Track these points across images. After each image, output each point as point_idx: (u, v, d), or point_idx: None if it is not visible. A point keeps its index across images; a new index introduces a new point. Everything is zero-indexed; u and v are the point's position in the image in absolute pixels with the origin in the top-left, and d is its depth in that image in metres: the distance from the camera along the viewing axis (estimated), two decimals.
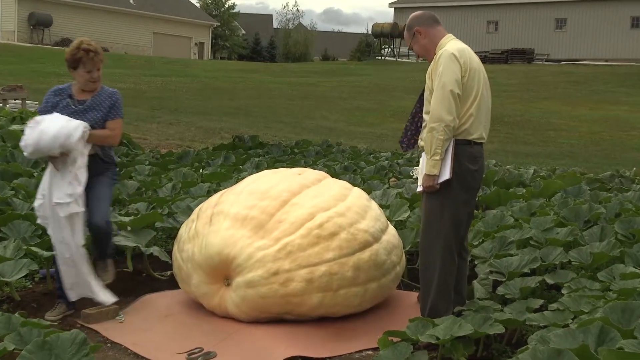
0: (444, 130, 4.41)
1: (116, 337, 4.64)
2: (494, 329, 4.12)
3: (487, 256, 5.71)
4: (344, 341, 4.68)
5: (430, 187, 4.50)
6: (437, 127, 4.41)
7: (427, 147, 4.47)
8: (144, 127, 17.34)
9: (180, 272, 5.14)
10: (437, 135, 4.41)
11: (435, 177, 4.48)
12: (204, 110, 22.06)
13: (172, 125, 18.50)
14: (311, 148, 13.34)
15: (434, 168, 4.46)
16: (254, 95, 27.60)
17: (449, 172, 4.46)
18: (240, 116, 21.79)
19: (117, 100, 5.04)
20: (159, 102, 22.85)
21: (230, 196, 5.14)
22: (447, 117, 4.41)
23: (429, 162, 4.46)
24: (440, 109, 4.40)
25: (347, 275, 4.78)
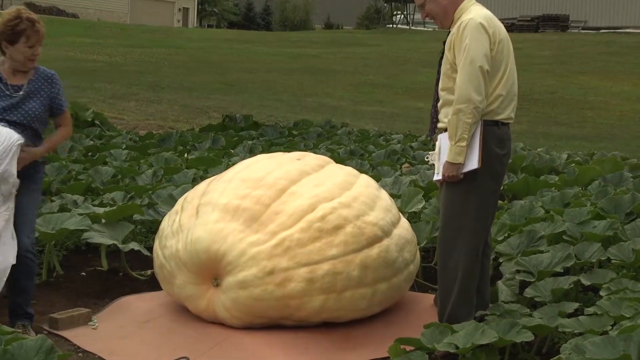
0: (473, 113, 4.39)
1: (88, 345, 4.64)
2: (522, 336, 4.12)
3: (513, 253, 5.71)
4: (350, 350, 4.69)
5: (453, 177, 4.49)
6: (464, 108, 4.39)
7: (451, 132, 4.44)
8: (120, 106, 17.34)
9: (162, 272, 5.15)
10: (465, 119, 4.39)
11: (460, 166, 4.46)
12: (189, 86, 22.03)
13: (152, 103, 18.48)
14: (312, 129, 13.33)
15: (459, 155, 4.44)
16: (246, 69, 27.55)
17: (477, 160, 4.44)
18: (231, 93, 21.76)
19: (60, 85, 4.78)
20: (138, 77, 22.82)
21: (220, 184, 5.14)
22: (476, 98, 4.39)
23: (453, 148, 4.44)
24: (468, 88, 4.39)
25: (353, 274, 4.79)
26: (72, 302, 5.38)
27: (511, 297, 5.12)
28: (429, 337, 4.18)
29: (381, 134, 13.97)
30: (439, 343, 4.09)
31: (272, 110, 18.77)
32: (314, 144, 11.53)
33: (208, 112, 17.79)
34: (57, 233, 5.75)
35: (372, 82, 26.56)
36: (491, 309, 4.78)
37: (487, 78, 4.43)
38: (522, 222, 6.42)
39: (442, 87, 4.60)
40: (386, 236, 5.03)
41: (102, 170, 8.39)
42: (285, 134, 13.00)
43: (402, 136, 13.50)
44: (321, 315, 4.84)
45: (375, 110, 20.90)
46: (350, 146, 11.24)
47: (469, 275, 4.59)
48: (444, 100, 4.59)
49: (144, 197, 7.09)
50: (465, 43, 4.41)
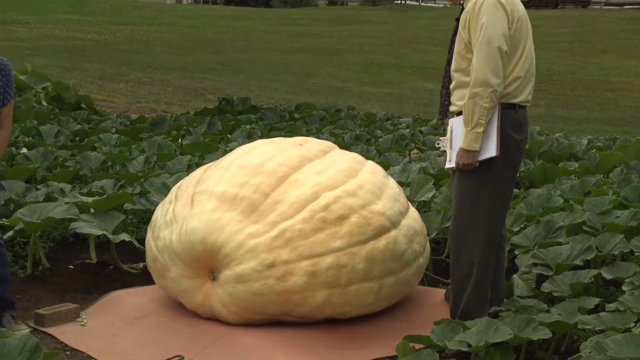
0: (490, 97, 4.37)
1: (77, 343, 4.65)
2: (539, 333, 4.12)
3: (530, 245, 5.71)
4: (355, 348, 4.70)
5: (468, 166, 4.48)
6: (481, 92, 4.37)
7: (467, 117, 4.43)
8: (109, 88, 17.33)
9: (155, 264, 5.15)
10: (482, 103, 4.37)
11: (476, 154, 4.45)
12: (184, 67, 22.01)
13: (144, 84, 18.47)
14: (315, 113, 13.32)
15: (475, 142, 4.43)
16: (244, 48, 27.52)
17: (495, 147, 4.43)
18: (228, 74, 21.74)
19: (11, 77, 4.60)
20: (128, 57, 22.80)
21: (216, 172, 5.14)
22: (494, 80, 4.38)
23: (468, 134, 4.43)
24: (485, 71, 4.37)
25: (359, 267, 4.80)
26: (59, 297, 5.39)
27: (527, 291, 5.12)
28: (439, 334, 4.18)
29: (389, 118, 13.95)
30: (450, 341, 4.10)
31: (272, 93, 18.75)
32: (317, 129, 11.52)
33: (204, 94, 17.78)
34: (42, 223, 5.76)
35: (379, 62, 26.52)
36: (506, 305, 4.78)
37: (505, 59, 4.41)
38: (539, 212, 6.42)
39: (456, 68, 4.59)
40: (394, 227, 5.03)
41: (91, 157, 8.39)
42: (286, 117, 12.98)
43: (411, 120, 13.48)
44: (325, 311, 4.84)
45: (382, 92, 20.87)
46: (356, 131, 11.22)
47: (484, 268, 4.59)
48: (457, 82, 4.58)
49: (136, 185, 7.09)
50: (481, 21, 4.40)
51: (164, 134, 10.58)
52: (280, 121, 12.62)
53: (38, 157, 8.36)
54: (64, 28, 28.14)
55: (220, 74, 21.52)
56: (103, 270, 5.99)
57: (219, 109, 13.52)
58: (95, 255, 6.07)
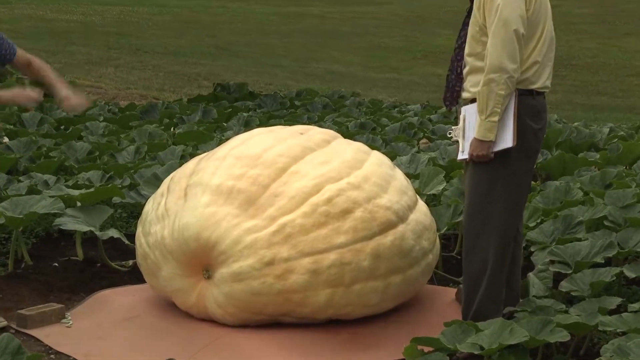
0: (506, 83, 4.37)
1: (62, 346, 4.66)
2: (556, 335, 4.13)
3: (547, 241, 5.71)
4: (359, 351, 4.70)
5: (483, 157, 4.47)
6: (497, 78, 4.37)
7: (481, 105, 4.42)
8: (96, 72, 17.32)
9: (145, 262, 5.16)
10: (497, 90, 4.37)
11: (491, 144, 4.45)
12: (176, 50, 21.99)
13: (134, 69, 18.46)
14: (317, 100, 13.31)
15: (490, 132, 4.42)
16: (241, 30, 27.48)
17: (512, 138, 4.42)
18: (224, 58, 21.72)
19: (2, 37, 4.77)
20: (117, 40, 22.78)
21: (211, 163, 5.14)
22: (511, 66, 4.37)
23: (483, 124, 4.42)
24: (501, 55, 4.36)
25: (364, 265, 4.80)
26: (43, 297, 5.39)
27: (544, 291, 5.12)
28: (450, 336, 4.18)
29: (396, 105, 13.94)
30: (461, 343, 4.10)
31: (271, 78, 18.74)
32: (319, 117, 11.51)
33: (197, 79, 17.77)
34: (25, 218, 5.76)
35: (385, 45, 26.48)
36: (521, 305, 4.78)
37: (522, 42, 4.41)
38: (557, 206, 6.41)
39: (469, 52, 4.58)
40: (401, 222, 5.03)
41: (77, 146, 8.39)
42: (286, 104, 12.98)
43: (420, 107, 13.47)
44: (327, 312, 4.85)
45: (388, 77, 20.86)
46: (361, 119, 11.22)
47: (498, 267, 4.59)
48: (471, 67, 4.57)
49: (125, 177, 7.09)
50: (497, 2, 4.39)
51: (155, 123, 10.57)
52: (279, 108, 12.61)
53: (20, 146, 8.36)
54: (48, 9, 28.10)
55: (215, 58, 21.50)
56: (90, 268, 5.99)
57: (214, 95, 13.51)
58: (82, 252, 6.07)
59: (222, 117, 11.30)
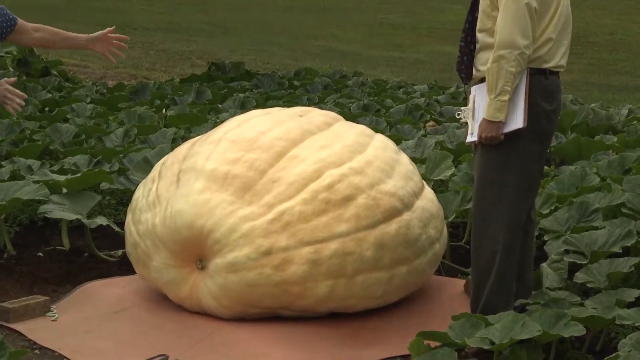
0: (517, 60, 4.36)
1: (47, 340, 4.66)
2: (571, 330, 4.13)
3: (561, 229, 5.71)
4: (363, 346, 4.71)
5: (492, 139, 4.47)
6: (507, 55, 4.36)
7: (490, 83, 4.42)
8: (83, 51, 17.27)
9: (136, 252, 5.16)
10: (507, 67, 4.36)
11: (500, 125, 4.45)
12: (168, 27, 21.96)
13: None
14: (317, 80, 13.28)
15: (500, 112, 4.42)
16: (236, 6, 27.43)
17: (522, 118, 4.42)
18: (218, 35, 21.69)
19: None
20: (105, 16, 22.74)
21: (205, 146, 5.13)
22: (522, 42, 4.36)
23: (492, 103, 4.42)
24: (512, 31, 4.36)
25: (367, 255, 4.80)
26: (27, 289, 5.40)
27: (558, 282, 5.12)
28: (458, 330, 4.19)
29: (401, 85, 13.92)
30: (470, 338, 4.11)
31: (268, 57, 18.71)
32: (320, 98, 11.49)
33: (190, 58, 17.75)
34: (8, 205, 5.76)
35: (389, 22, 26.42)
36: (534, 297, 4.79)
37: (535, 17, 4.40)
38: (572, 192, 6.41)
39: (481, 28, 4.57)
40: (407, 209, 5.03)
41: (63, 129, 8.38)
42: (284, 85, 12.95)
43: (427, 88, 13.44)
44: (328, 305, 4.85)
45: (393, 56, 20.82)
46: (364, 100, 11.20)
47: (508, 257, 4.59)
48: (483, 43, 4.56)
49: (114, 162, 7.09)
50: None
51: (145, 104, 10.56)
52: (277, 89, 12.58)
53: (2, 129, 8.35)
54: None
55: (209, 35, 21.47)
56: (77, 259, 6.00)
57: (208, 75, 13.48)
58: (68, 241, 6.08)
59: (216, 98, 11.28)
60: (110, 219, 6.24)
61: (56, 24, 5.46)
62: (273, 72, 14.58)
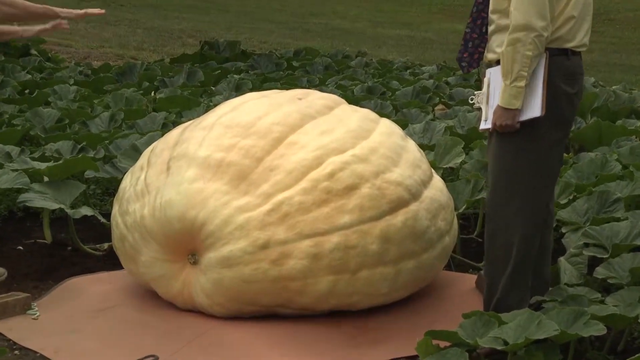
0: (534, 43, 4.35)
1: (27, 340, 4.66)
2: (591, 329, 4.13)
3: (580, 221, 5.71)
4: (367, 346, 4.71)
5: (507, 127, 4.46)
6: (523, 38, 4.35)
7: (506, 68, 4.40)
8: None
9: (123, 245, 5.16)
10: (524, 51, 4.35)
11: (516, 112, 4.44)
12: (157, 3, 21.93)
13: (108, 25, 18.41)
14: (318, 60, 13.29)
15: (516, 99, 4.41)
16: None
17: (540, 106, 4.41)
18: (211, 12, 21.66)
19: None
20: None
21: (197, 132, 5.13)
22: (539, 23, 4.35)
23: (508, 89, 4.41)
24: (528, 11, 4.34)
25: (371, 248, 4.80)
26: (6, 285, 5.39)
27: (577, 278, 5.13)
28: (469, 329, 4.19)
29: (408, 66, 13.92)
30: (482, 337, 4.11)
31: (265, 35, 18.70)
32: (321, 80, 11.49)
33: (181, 37, 17.73)
34: None
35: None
36: (551, 294, 4.79)
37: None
38: (591, 181, 6.41)
39: (494, 9, 4.56)
40: (414, 199, 5.03)
41: (44, 113, 8.38)
42: (282, 66, 12.95)
43: (436, 69, 13.45)
44: (329, 302, 4.86)
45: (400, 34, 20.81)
46: (368, 82, 11.20)
47: (525, 251, 4.59)
48: (497, 25, 4.55)
49: (99, 149, 7.09)
50: None
51: (133, 86, 10.56)
52: (275, 70, 12.59)
53: None
54: None
55: (201, 12, 21.45)
56: (59, 252, 6.00)
57: (201, 55, 13.49)
58: (50, 233, 6.08)
59: (209, 80, 11.29)
60: (96, 209, 6.24)
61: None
62: (270, 51, 14.61)
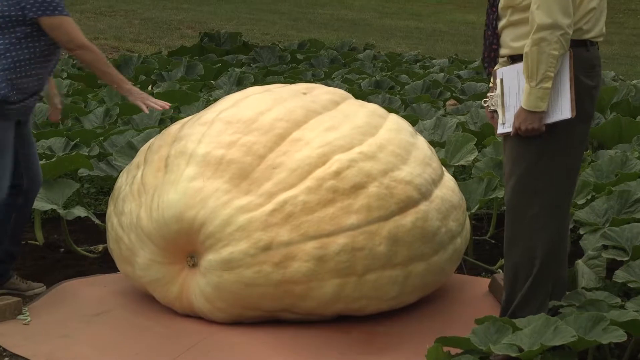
0: (560, 42, 4.33)
1: (18, 347, 4.67)
2: (610, 335, 4.12)
3: (599, 222, 5.71)
4: (374, 353, 4.71)
5: (533, 131, 4.43)
6: (549, 37, 4.33)
7: (530, 70, 4.36)
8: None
9: (118, 247, 5.17)
10: (550, 50, 4.33)
11: (542, 115, 4.42)
12: None
13: (103, 15, 18.43)
14: (323, 53, 13.29)
15: (542, 101, 4.38)
16: None
17: (570, 106, 4.38)
18: (211, 2, 21.67)
19: None
20: None
21: (197, 128, 5.14)
22: (565, 21, 4.34)
23: (533, 91, 4.37)
24: (552, 9, 4.32)
25: (379, 250, 4.81)
26: None
27: (595, 282, 5.12)
28: (482, 336, 4.19)
29: (418, 59, 13.92)
30: (495, 344, 4.11)
31: (268, 27, 18.70)
32: (326, 73, 11.49)
33: (180, 28, 17.74)
34: None
35: None
36: (568, 298, 4.78)
37: None
38: (611, 180, 6.41)
39: (505, 5, 4.54)
40: (424, 199, 5.03)
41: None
42: (286, 58, 12.96)
43: (447, 62, 13.45)
44: (335, 306, 4.86)
45: (409, 25, 20.80)
46: (376, 76, 11.20)
47: (550, 253, 4.56)
48: (508, 21, 4.54)
49: (93, 146, 7.09)
50: None
51: (129, 80, 10.55)
52: (278, 63, 12.59)
53: None
54: None
55: (201, 2, 21.45)
56: (52, 254, 6.01)
57: (200, 47, 13.49)
58: (42, 234, 6.09)
59: (209, 74, 11.29)
60: (90, 209, 6.25)
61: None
62: (273, 44, 14.60)
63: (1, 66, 4.91)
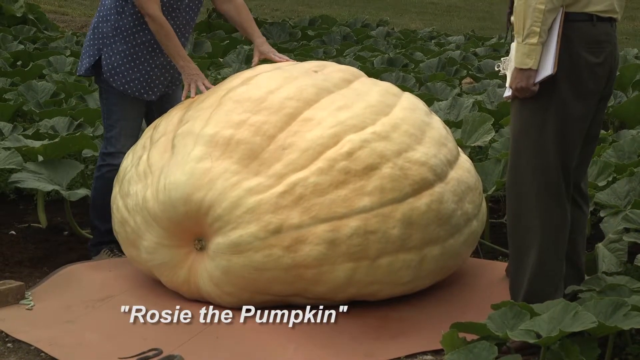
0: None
1: (21, 332, 4.69)
2: (632, 321, 4.12)
3: (620, 204, 5.70)
4: (388, 339, 4.72)
5: (523, 90, 4.45)
6: None
7: (518, 24, 4.40)
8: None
9: (124, 230, 5.17)
10: (535, 4, 4.35)
11: (531, 73, 4.43)
12: None
13: None
14: (335, 29, 13.27)
15: (528, 57, 4.40)
16: None
17: (552, 63, 4.41)
18: None
19: None
20: None
21: (205, 107, 5.14)
22: None
23: (520, 47, 4.41)
24: None
25: (393, 233, 4.80)
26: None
27: (616, 266, 5.12)
28: (498, 321, 4.19)
29: (433, 36, 13.89)
30: (512, 330, 4.11)
31: (278, 3, 18.67)
32: (338, 50, 11.48)
33: None
34: None
35: None
36: (588, 283, 4.78)
37: None
38: (633, 160, 6.39)
39: None
40: (439, 180, 5.03)
41: (38, 87, 8.39)
42: (296, 35, 12.95)
43: (463, 39, 13.42)
44: (347, 291, 4.86)
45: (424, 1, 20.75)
46: (389, 53, 11.19)
47: (551, 231, 4.56)
48: None
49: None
50: None
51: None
52: (289, 40, 12.59)
53: None
54: None
55: None
56: (55, 237, 6.02)
57: (208, 23, 13.48)
58: (45, 217, 6.10)
59: (217, 51, 11.29)
60: None
61: None
62: (283, 20, 14.58)
63: None
